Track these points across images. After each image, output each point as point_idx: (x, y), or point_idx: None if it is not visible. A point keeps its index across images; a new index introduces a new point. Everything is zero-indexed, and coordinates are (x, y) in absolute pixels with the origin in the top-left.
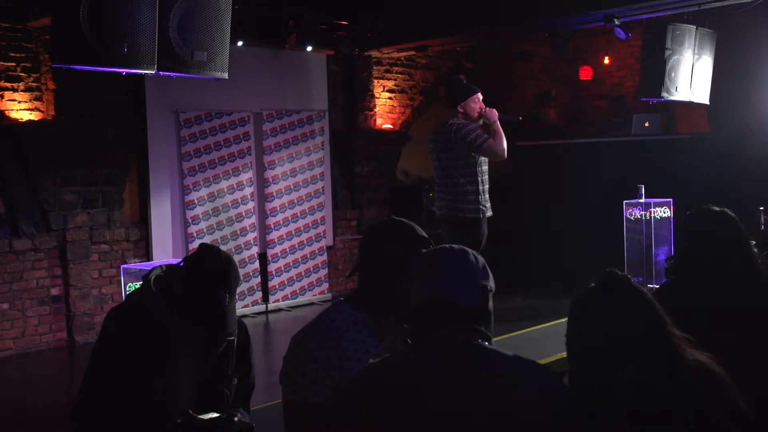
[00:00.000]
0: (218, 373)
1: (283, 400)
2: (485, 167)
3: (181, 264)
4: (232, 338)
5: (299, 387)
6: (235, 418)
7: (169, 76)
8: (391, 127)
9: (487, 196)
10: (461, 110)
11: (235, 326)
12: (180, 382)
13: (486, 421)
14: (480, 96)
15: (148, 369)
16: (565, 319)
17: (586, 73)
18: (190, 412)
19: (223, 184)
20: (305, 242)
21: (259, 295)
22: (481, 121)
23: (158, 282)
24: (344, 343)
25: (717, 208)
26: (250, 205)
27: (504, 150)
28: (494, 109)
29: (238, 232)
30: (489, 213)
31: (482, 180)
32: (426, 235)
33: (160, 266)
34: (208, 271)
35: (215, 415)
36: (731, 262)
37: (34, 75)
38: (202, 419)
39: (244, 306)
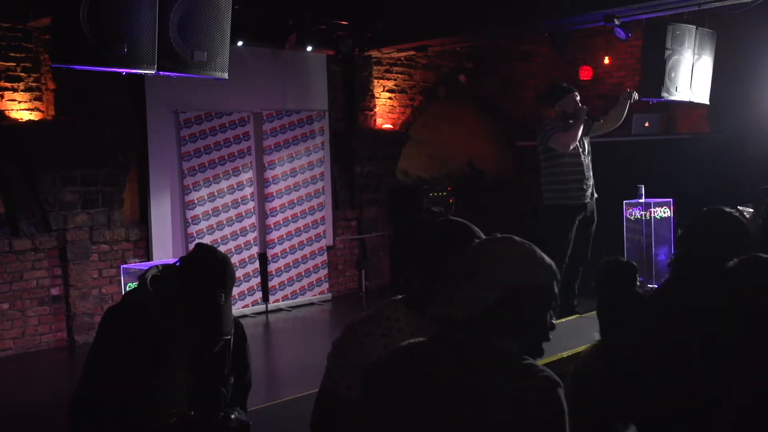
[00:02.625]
0: (214, 372)
1: (321, 384)
2: (575, 159)
3: (178, 264)
4: (228, 337)
5: (338, 375)
6: (232, 416)
7: (169, 76)
8: (391, 127)
9: (580, 185)
10: (559, 109)
11: (230, 326)
12: (176, 381)
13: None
14: (576, 95)
15: (145, 368)
16: (563, 320)
17: (586, 73)
18: (186, 410)
19: (223, 184)
20: (305, 242)
21: (259, 295)
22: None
23: (154, 282)
24: (395, 343)
25: (727, 209)
26: (250, 205)
27: (569, 142)
28: (585, 108)
29: (238, 232)
30: (582, 201)
31: (567, 171)
32: (483, 236)
33: (157, 266)
34: (205, 271)
35: (212, 413)
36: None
37: (34, 75)
38: (199, 418)
39: (244, 306)
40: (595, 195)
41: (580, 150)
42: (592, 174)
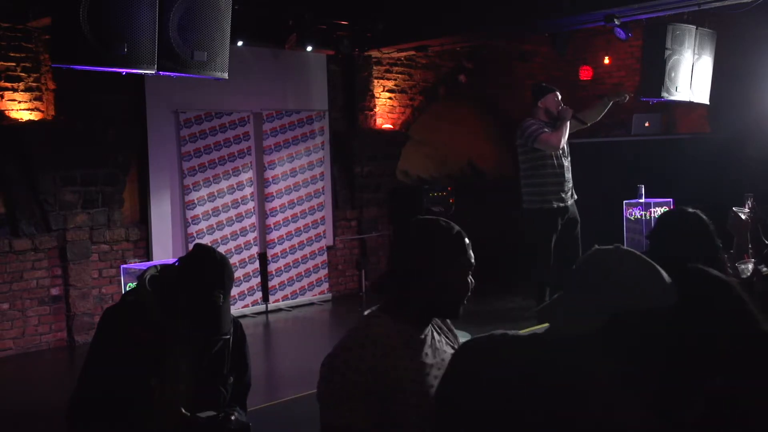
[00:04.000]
0: (214, 372)
1: (323, 423)
2: (556, 161)
3: (176, 264)
4: (227, 337)
5: (343, 411)
6: (232, 417)
7: (169, 76)
8: (391, 127)
9: (561, 188)
10: (542, 106)
11: (229, 326)
12: (175, 382)
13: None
14: (558, 95)
15: (143, 368)
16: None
17: (586, 73)
18: (185, 410)
19: (223, 184)
20: (305, 242)
21: (259, 295)
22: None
23: (153, 282)
24: (393, 360)
25: (690, 210)
26: (250, 205)
27: (558, 143)
28: (570, 109)
29: (238, 232)
30: (564, 204)
31: (549, 173)
32: (460, 229)
33: (155, 266)
34: (203, 271)
35: (212, 413)
36: (692, 261)
37: (34, 75)
38: (199, 418)
39: (244, 306)
40: (575, 196)
41: (560, 152)
42: (571, 176)
